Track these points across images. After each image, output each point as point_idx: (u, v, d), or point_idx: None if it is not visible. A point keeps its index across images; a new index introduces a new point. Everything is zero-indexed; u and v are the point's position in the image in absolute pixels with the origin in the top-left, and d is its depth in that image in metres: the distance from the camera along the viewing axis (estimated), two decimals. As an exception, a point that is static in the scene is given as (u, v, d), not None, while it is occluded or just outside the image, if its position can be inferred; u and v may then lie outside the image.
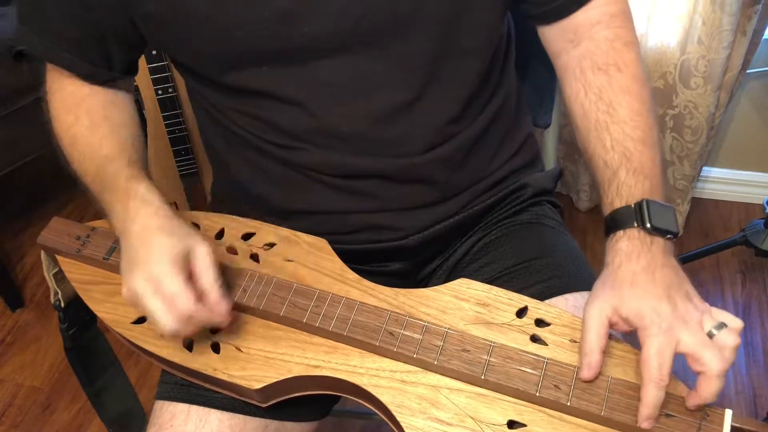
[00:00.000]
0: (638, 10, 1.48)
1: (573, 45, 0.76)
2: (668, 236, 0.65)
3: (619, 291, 0.62)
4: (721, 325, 0.60)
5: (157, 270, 0.64)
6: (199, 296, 0.65)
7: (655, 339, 0.59)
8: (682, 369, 0.62)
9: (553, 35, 0.77)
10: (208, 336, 0.71)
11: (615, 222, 0.67)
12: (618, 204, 0.67)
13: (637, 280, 0.62)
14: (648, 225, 0.64)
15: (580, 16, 0.74)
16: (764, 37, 1.50)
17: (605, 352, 0.63)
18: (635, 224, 0.65)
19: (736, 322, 0.61)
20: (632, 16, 0.76)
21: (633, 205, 0.66)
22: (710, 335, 0.60)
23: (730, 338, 0.59)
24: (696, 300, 0.63)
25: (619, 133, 0.70)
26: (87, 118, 0.77)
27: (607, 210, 0.69)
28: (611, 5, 0.74)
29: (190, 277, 0.66)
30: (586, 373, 0.62)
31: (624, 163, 0.69)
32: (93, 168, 0.75)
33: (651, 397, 0.58)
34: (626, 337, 0.66)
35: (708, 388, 0.58)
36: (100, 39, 0.76)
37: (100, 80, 0.79)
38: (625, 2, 0.76)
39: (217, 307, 0.65)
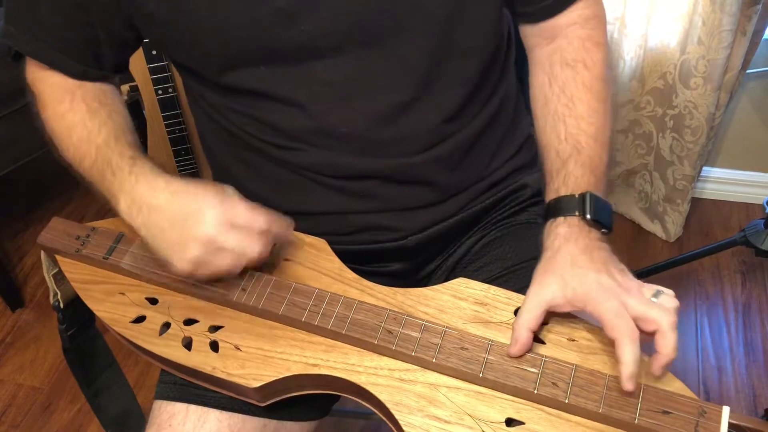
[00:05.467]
0: (638, 10, 1.48)
1: (548, 41, 0.79)
2: (603, 230, 0.69)
3: (560, 275, 0.65)
4: (658, 293, 0.63)
5: (218, 210, 0.66)
6: None
7: (610, 303, 0.62)
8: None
9: (532, 31, 0.81)
10: (207, 334, 0.71)
11: (557, 208, 0.70)
12: (563, 192, 0.71)
13: (577, 261, 0.65)
14: (588, 216, 0.68)
15: (560, 17, 0.78)
16: (764, 37, 1.50)
17: (601, 350, 0.64)
18: (576, 213, 0.69)
19: (669, 290, 0.64)
20: (606, 20, 0.81)
21: (577, 195, 0.69)
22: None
23: (670, 301, 0.63)
24: (630, 275, 0.66)
25: (574, 126, 0.74)
26: (83, 104, 0.77)
27: (551, 196, 0.72)
28: (587, 9, 0.78)
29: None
30: (513, 349, 0.64)
31: (574, 155, 0.73)
32: (92, 152, 0.74)
33: (630, 353, 0.60)
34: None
35: (666, 344, 0.61)
36: (92, 39, 0.76)
37: (89, 79, 0.79)
38: (601, 7, 0.80)
39: (280, 217, 0.69)
